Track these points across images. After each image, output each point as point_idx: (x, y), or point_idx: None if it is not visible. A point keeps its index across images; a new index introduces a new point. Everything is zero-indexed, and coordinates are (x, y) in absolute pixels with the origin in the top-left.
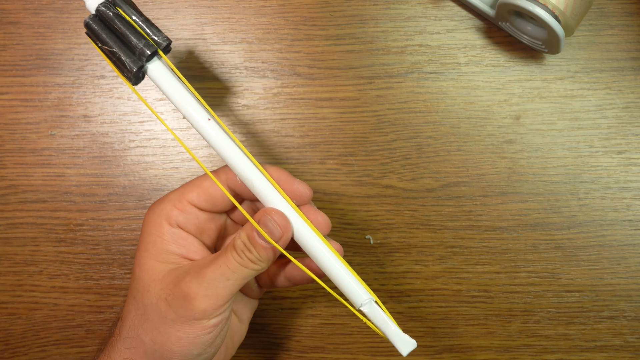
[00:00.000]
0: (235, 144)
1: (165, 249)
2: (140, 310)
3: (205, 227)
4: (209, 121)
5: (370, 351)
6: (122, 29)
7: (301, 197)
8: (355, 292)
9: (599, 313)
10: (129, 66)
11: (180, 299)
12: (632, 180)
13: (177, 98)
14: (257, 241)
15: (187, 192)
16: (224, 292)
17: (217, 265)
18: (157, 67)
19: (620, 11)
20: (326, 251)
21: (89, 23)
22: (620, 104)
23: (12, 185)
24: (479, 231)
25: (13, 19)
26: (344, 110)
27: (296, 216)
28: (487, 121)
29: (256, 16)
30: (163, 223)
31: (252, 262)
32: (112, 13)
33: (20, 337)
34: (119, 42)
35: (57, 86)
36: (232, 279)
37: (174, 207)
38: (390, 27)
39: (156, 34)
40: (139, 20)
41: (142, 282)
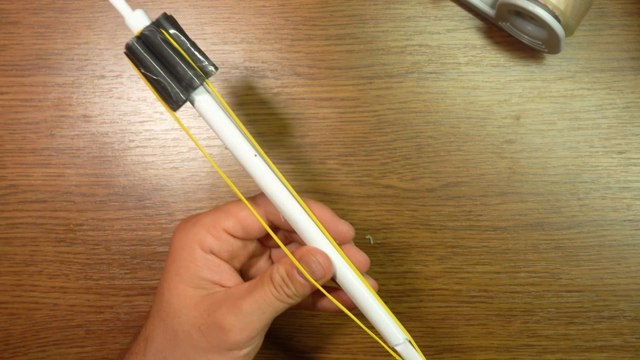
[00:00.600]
0: (281, 181)
1: (199, 275)
2: (170, 335)
3: (237, 254)
4: (255, 157)
5: (370, 351)
6: (168, 57)
7: (344, 238)
8: (392, 332)
9: (599, 313)
10: (175, 97)
11: (215, 330)
12: (632, 180)
13: (223, 132)
14: (296, 278)
15: (222, 219)
16: (258, 325)
17: (254, 298)
18: (204, 99)
19: (621, 11)
20: (365, 291)
21: (132, 47)
22: (620, 104)
23: (12, 185)
24: (479, 231)
25: (13, 19)
26: (344, 110)
27: (338, 257)
28: (487, 121)
29: (256, 16)
30: (196, 248)
31: (288, 297)
32: (158, 38)
33: (20, 337)
34: (164, 70)
35: (57, 86)
36: (267, 312)
37: (208, 234)
38: (390, 27)
39: (203, 61)
40: (187, 45)
41: (173, 307)
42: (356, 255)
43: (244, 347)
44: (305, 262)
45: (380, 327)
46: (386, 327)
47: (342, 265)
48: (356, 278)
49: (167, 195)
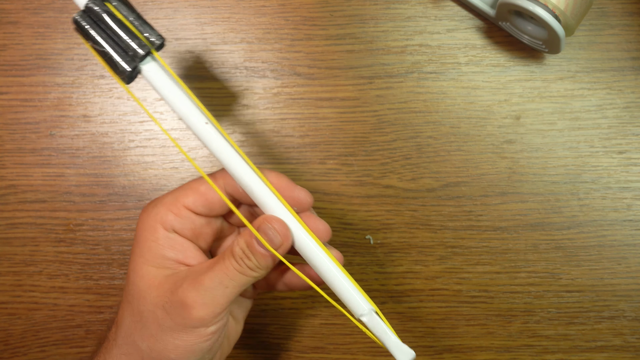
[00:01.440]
0: (234, 149)
1: (161, 254)
2: (137, 316)
3: (201, 232)
4: (206, 125)
5: (370, 351)
6: (113, 27)
7: (302, 204)
8: (356, 302)
9: (600, 313)
10: (121, 67)
11: (178, 307)
12: (633, 180)
13: (172, 100)
14: (256, 249)
15: (182, 196)
16: (222, 300)
17: (215, 272)
18: (151, 68)
19: (621, 11)
20: (327, 260)
21: (78, 20)
22: (620, 103)
23: (11, 185)
24: (479, 231)
25: (13, 19)
26: (344, 110)
27: (296, 224)
28: (487, 121)
29: (256, 16)
30: (158, 227)
31: (250, 270)
32: (101, 10)
33: (20, 338)
34: (110, 41)
35: (56, 86)
36: (230, 286)
37: (169, 211)
38: (391, 27)
39: (150, 32)
40: (132, 17)
41: (138, 289)
42: (316, 223)
43: (210, 324)
44: (263, 230)
45: (344, 298)
46: (350, 298)
47: (300, 233)
48: (316, 245)
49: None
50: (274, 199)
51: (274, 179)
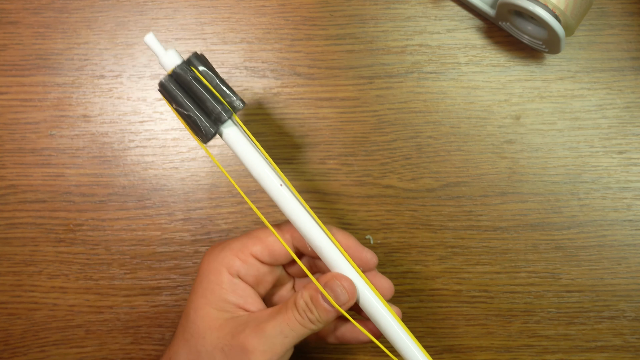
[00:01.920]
0: (305, 209)
1: (224, 298)
2: (193, 355)
3: (263, 279)
4: (280, 187)
5: (371, 351)
6: (198, 93)
7: (368, 265)
8: (415, 357)
9: (600, 313)
10: (204, 130)
11: (238, 351)
12: (633, 180)
13: (250, 162)
14: (320, 303)
15: (250, 244)
16: (280, 349)
17: (277, 322)
18: (232, 132)
19: (621, 11)
20: (389, 317)
21: (165, 85)
22: (620, 103)
23: (11, 185)
24: (479, 231)
25: (13, 19)
26: (344, 110)
27: (362, 282)
28: (487, 121)
29: (256, 16)
30: (223, 271)
31: (311, 323)
32: (189, 76)
33: (20, 337)
34: (195, 105)
35: (56, 86)
36: (290, 336)
37: (236, 257)
38: (390, 27)
39: (231, 96)
40: (216, 81)
41: (197, 328)
42: (381, 281)
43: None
44: (330, 287)
45: (404, 354)
46: (409, 353)
47: (366, 291)
48: (380, 304)
49: (167, 195)
50: (342, 259)
51: (342, 239)
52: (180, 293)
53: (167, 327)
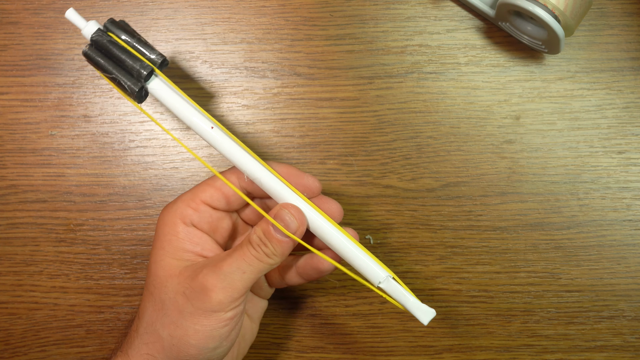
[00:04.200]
0: (241, 147)
1: (181, 246)
2: (158, 305)
3: (218, 226)
4: (212, 129)
5: (370, 351)
6: (117, 54)
7: (311, 190)
8: (373, 271)
9: (599, 313)
10: (129, 89)
11: (198, 291)
12: (632, 180)
13: (179, 111)
14: (273, 235)
15: (200, 192)
16: (239, 285)
17: (233, 258)
18: (156, 86)
19: (620, 11)
20: (341, 236)
21: (87, 52)
22: (620, 104)
23: (12, 185)
24: (479, 231)
25: (13, 19)
26: (344, 110)
27: (309, 208)
28: (487, 121)
29: (256, 16)
30: (178, 222)
31: (267, 256)
32: (105, 40)
33: (21, 337)
34: (117, 67)
35: (57, 86)
36: (248, 272)
37: (187, 207)
38: (390, 27)
39: (150, 52)
40: (132, 41)
41: (159, 279)
42: (328, 204)
43: (228, 308)
44: (279, 217)
45: (361, 269)
46: (367, 268)
47: (314, 216)
48: (329, 224)
49: (168, 195)
50: (285, 188)
51: (283, 169)
52: None
53: None
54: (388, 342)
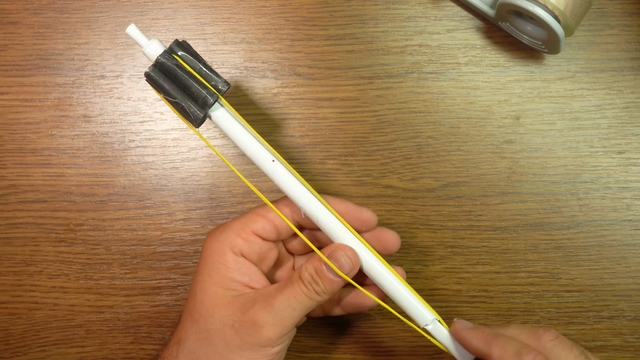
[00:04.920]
0: (299, 181)
1: (229, 276)
2: (203, 334)
3: (265, 256)
4: (273, 162)
5: (370, 351)
6: (183, 79)
7: (369, 224)
8: (420, 313)
9: (599, 313)
10: (193, 115)
11: (248, 326)
12: (632, 180)
13: (241, 141)
14: (325, 274)
15: (251, 222)
16: (289, 322)
17: (285, 296)
18: (220, 114)
19: (620, 11)
20: (390, 276)
21: (150, 74)
22: (620, 104)
23: (12, 185)
24: (479, 231)
25: (13, 19)
26: (344, 110)
27: (364, 248)
28: (487, 121)
29: (256, 16)
30: (227, 251)
31: (317, 294)
32: (172, 64)
33: (20, 337)
34: (181, 92)
35: (57, 86)
36: (298, 309)
37: (238, 236)
38: (390, 27)
39: (216, 79)
40: (199, 66)
41: (206, 307)
42: (386, 235)
43: (276, 344)
44: (334, 257)
45: (409, 310)
46: (414, 310)
47: (368, 257)
48: (382, 266)
49: (167, 195)
50: (341, 227)
51: (339, 204)
52: (181, 293)
53: (167, 326)
54: (388, 342)
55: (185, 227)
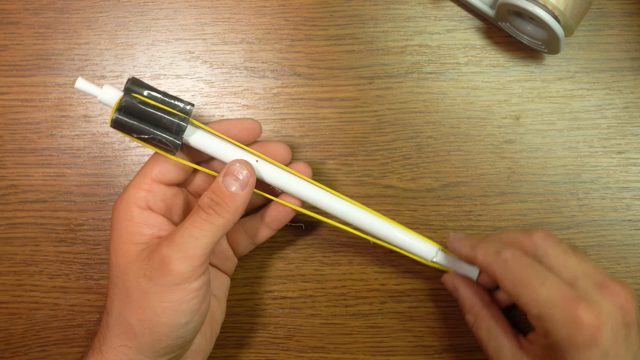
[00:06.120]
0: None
1: (137, 231)
2: (123, 294)
3: (173, 204)
4: (257, 162)
5: (370, 351)
6: (151, 114)
7: (254, 132)
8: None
9: None
10: (172, 144)
11: (158, 269)
12: (632, 180)
13: (221, 154)
14: (224, 190)
15: (148, 171)
16: (195, 252)
17: (184, 228)
18: (196, 136)
19: (620, 11)
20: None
21: (119, 119)
22: (619, 104)
23: (12, 185)
24: (479, 231)
25: (13, 19)
26: (344, 110)
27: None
28: (487, 121)
29: (256, 16)
30: (131, 207)
31: (218, 214)
32: (136, 103)
33: (21, 337)
34: (153, 127)
35: (57, 86)
36: (201, 237)
37: (139, 189)
38: (390, 27)
39: (179, 104)
40: (160, 97)
41: (120, 267)
42: (273, 147)
43: (191, 278)
44: (228, 172)
45: (413, 252)
46: (417, 250)
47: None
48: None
49: None
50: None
51: (220, 125)
52: None
53: None
54: (388, 342)
55: None
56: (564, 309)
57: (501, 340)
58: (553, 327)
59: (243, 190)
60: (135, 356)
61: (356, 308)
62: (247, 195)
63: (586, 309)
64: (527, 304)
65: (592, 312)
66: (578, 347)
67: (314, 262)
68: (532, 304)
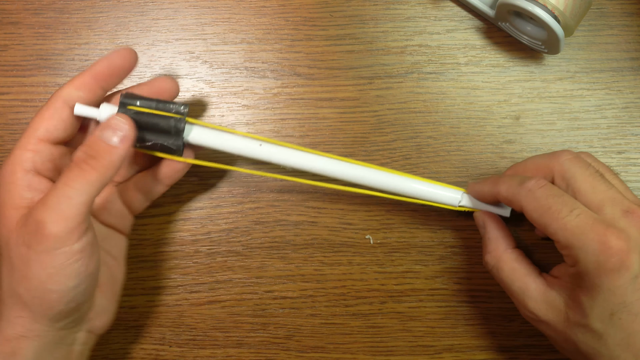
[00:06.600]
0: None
1: (19, 194)
2: (9, 266)
3: (61, 165)
4: (261, 147)
5: (370, 351)
6: (148, 121)
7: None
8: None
9: None
10: (175, 146)
11: (34, 234)
12: (632, 180)
13: (225, 146)
14: (99, 144)
15: (33, 131)
16: (70, 212)
17: (57, 187)
18: (195, 135)
19: (620, 11)
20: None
21: None
22: (619, 104)
23: None
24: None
25: (13, 19)
26: (344, 110)
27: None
28: (486, 121)
29: (256, 16)
30: (16, 170)
31: (93, 169)
32: (133, 114)
33: None
34: (152, 134)
35: (57, 86)
36: (75, 196)
37: (25, 150)
38: (390, 28)
39: (174, 107)
40: (154, 104)
41: (3, 237)
42: (160, 82)
43: (70, 240)
44: (106, 125)
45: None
46: (442, 197)
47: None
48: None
49: (167, 195)
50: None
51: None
52: (181, 293)
53: (167, 326)
54: (388, 342)
55: (185, 227)
56: (593, 236)
57: (526, 280)
58: (582, 254)
59: (122, 143)
60: (32, 325)
61: (356, 308)
62: (125, 149)
63: (615, 234)
64: (555, 233)
65: (620, 238)
66: (608, 272)
67: (314, 262)
68: (560, 233)
